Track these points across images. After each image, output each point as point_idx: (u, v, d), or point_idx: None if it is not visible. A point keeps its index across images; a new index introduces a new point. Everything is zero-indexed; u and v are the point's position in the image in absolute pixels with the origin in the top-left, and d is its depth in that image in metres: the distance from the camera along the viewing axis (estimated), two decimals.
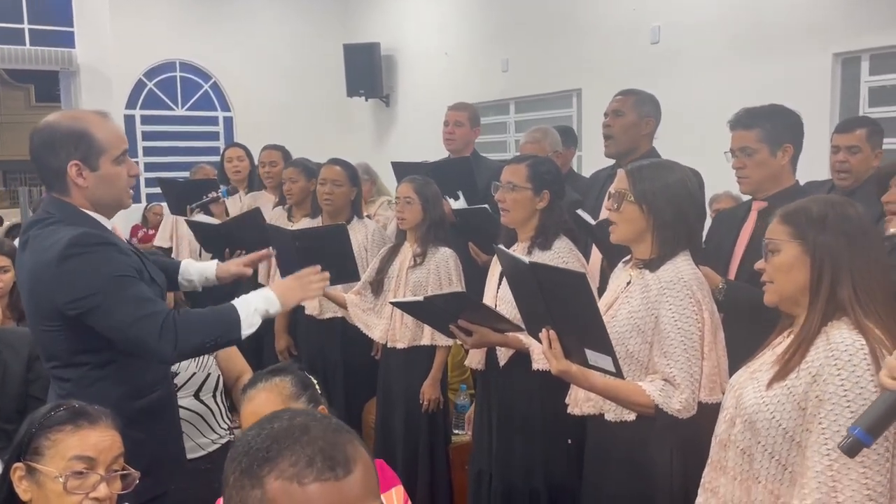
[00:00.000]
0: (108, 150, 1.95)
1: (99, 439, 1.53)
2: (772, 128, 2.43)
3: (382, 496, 1.71)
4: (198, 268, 2.44)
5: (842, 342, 1.50)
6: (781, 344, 1.66)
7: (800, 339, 1.58)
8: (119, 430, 1.59)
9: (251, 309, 1.99)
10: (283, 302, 2.07)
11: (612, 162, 3.23)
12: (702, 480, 1.75)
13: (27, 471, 1.51)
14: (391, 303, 3.08)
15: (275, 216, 4.17)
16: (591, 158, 5.81)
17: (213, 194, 4.28)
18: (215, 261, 2.46)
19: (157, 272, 2.13)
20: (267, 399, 1.70)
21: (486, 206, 3.37)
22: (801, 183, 2.56)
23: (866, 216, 1.67)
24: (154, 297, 1.94)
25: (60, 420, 1.53)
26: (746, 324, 2.18)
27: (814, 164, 2.94)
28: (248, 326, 1.98)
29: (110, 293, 1.86)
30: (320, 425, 0.97)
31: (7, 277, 2.90)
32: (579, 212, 2.69)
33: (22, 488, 1.51)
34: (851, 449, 1.24)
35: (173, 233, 4.92)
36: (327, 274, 2.20)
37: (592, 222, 2.44)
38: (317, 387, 1.79)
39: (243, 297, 2.03)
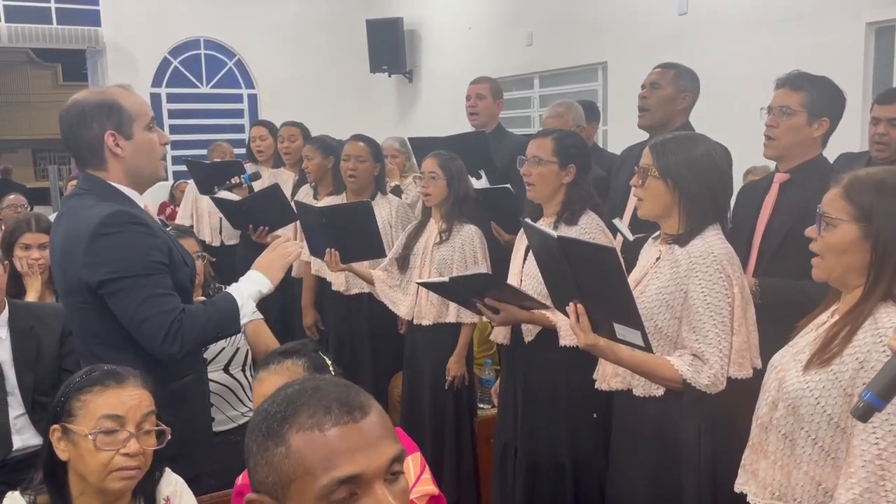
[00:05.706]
0: (137, 117, 2.00)
1: (127, 398, 1.60)
2: (818, 97, 2.39)
3: None
4: None
5: (891, 327, 1.45)
6: (826, 323, 1.61)
7: (846, 322, 1.53)
8: (150, 390, 1.65)
9: (245, 296, 2.04)
10: (271, 277, 2.11)
11: (643, 137, 3.19)
12: (742, 461, 1.73)
13: (63, 432, 1.59)
14: (417, 283, 3.09)
15: (302, 194, 4.20)
16: (617, 133, 5.75)
17: (236, 180, 4.27)
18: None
19: (185, 252, 2.15)
20: (279, 383, 1.68)
21: (508, 185, 3.37)
22: (834, 154, 2.51)
23: None
24: (170, 291, 1.95)
25: (89, 382, 1.61)
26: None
27: (844, 137, 2.89)
28: (245, 315, 2.04)
29: (132, 281, 1.90)
30: (330, 383, 1.01)
31: (48, 254, 2.94)
32: (616, 222, 2.65)
33: (60, 448, 1.59)
34: (864, 414, 1.22)
35: (193, 210, 4.97)
36: (289, 235, 2.19)
37: (630, 238, 2.36)
38: (331, 367, 1.73)
39: (235, 286, 2.08)
